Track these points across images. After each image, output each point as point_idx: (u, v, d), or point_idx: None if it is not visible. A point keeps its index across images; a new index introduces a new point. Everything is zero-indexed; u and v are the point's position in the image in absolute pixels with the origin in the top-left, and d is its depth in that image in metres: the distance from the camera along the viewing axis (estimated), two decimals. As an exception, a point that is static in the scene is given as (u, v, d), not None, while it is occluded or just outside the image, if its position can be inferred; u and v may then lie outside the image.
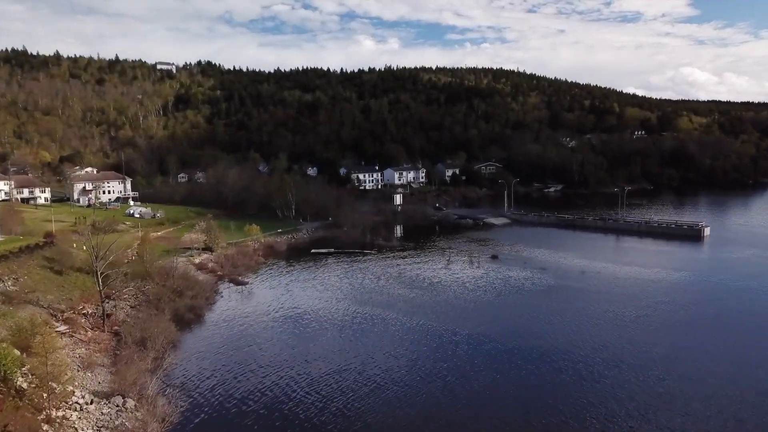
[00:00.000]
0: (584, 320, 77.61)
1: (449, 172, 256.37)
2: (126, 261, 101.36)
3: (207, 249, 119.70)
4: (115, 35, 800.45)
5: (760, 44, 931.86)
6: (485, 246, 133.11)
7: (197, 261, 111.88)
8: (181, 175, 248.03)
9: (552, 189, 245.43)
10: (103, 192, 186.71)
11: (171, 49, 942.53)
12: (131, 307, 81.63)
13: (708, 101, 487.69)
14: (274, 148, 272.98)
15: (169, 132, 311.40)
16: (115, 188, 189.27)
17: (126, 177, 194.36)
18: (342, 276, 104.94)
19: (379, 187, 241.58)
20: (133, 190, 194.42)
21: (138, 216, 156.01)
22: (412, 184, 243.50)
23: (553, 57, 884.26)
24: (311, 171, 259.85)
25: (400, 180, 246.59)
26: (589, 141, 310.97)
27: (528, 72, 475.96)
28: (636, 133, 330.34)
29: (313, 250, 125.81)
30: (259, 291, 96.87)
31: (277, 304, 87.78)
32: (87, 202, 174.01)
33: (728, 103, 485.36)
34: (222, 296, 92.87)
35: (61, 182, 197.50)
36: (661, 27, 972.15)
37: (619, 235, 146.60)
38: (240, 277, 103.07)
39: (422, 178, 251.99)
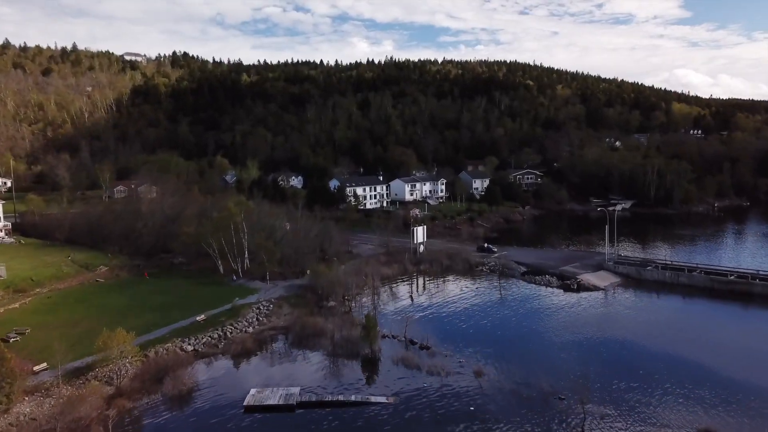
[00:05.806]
0: None
1: (477, 183, 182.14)
2: None
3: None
4: (107, 38, 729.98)
5: (753, 46, 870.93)
6: (616, 361, 58.60)
7: None
8: (119, 188, 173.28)
9: (619, 207, 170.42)
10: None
11: (166, 51, 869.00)
12: None
13: (738, 98, 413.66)
14: (248, 152, 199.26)
15: (119, 132, 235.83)
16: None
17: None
18: None
19: (385, 204, 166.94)
20: (8, 217, 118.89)
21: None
22: (428, 200, 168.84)
23: (548, 59, 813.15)
24: (295, 181, 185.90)
25: (412, 194, 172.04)
26: (637, 140, 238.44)
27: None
28: (692, 132, 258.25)
29: (246, 404, 48.60)
30: None
31: None
32: None
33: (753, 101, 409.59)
34: None
35: None
36: (654, 29, 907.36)
37: None
38: None
39: (442, 191, 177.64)
